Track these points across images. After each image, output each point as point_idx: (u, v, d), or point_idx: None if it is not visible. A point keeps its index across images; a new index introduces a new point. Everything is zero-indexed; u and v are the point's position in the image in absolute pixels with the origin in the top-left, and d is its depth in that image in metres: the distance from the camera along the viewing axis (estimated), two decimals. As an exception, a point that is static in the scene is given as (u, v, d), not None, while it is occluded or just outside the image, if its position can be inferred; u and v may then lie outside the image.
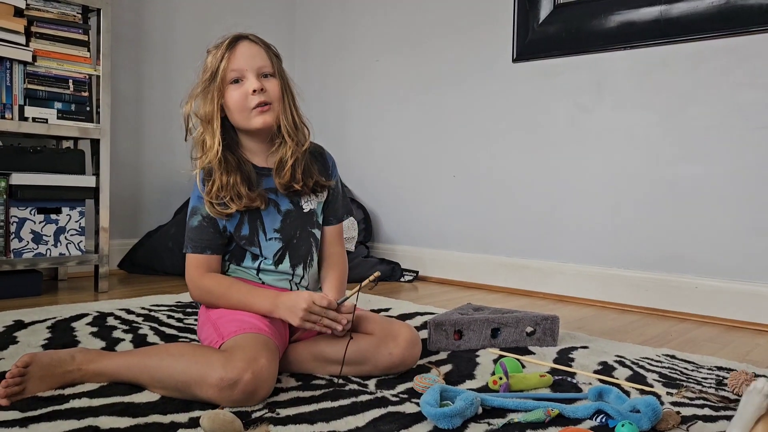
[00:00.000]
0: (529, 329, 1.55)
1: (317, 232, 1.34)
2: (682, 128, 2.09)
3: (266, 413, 1.01)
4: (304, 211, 1.31)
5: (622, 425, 0.95)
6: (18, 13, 1.98)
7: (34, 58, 2.01)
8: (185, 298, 1.99)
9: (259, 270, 1.29)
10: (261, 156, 1.30)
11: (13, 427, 0.92)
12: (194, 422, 0.96)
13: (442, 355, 1.43)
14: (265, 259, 1.28)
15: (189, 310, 1.81)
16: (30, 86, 2.01)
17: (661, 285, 2.13)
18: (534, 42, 2.41)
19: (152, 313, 1.75)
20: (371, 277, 1.16)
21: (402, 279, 2.66)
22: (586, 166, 2.30)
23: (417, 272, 2.71)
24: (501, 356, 1.41)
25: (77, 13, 2.13)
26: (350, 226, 2.69)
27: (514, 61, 2.47)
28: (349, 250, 2.63)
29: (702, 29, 2.04)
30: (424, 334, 1.53)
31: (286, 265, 1.29)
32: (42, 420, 0.95)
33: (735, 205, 1.99)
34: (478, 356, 1.42)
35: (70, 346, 1.36)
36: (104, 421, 0.95)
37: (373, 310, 1.77)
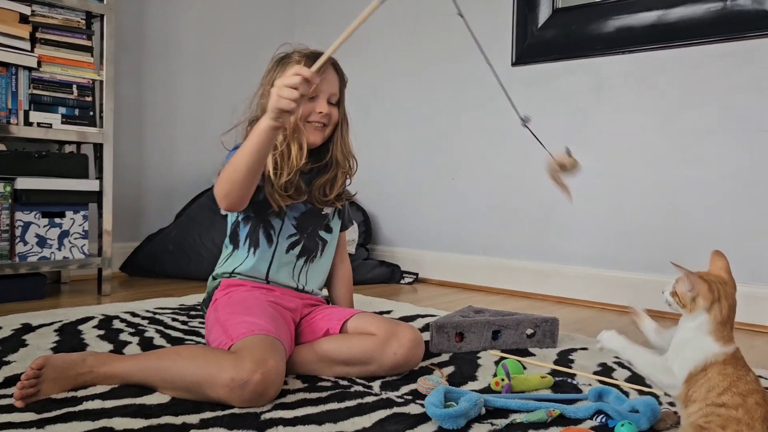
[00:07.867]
0: (529, 331, 1.57)
1: (324, 234, 1.44)
2: (680, 132, 2.12)
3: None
4: (322, 213, 1.42)
5: (622, 425, 0.98)
6: (23, 19, 1.99)
7: (39, 63, 2.03)
8: (188, 300, 2.01)
9: (272, 261, 1.36)
10: None
11: (30, 428, 0.94)
12: (205, 423, 0.99)
13: (444, 357, 1.45)
14: (280, 241, 1.36)
15: (193, 312, 1.84)
16: (35, 92, 2.03)
17: (659, 287, 2.14)
18: (533, 46, 2.44)
19: (157, 316, 1.77)
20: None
21: (402, 281, 2.69)
22: (585, 169, 2.32)
23: (417, 274, 2.73)
24: (502, 358, 1.44)
25: (81, 19, 2.15)
26: (351, 229, 2.71)
27: (513, 64, 2.49)
28: (350, 252, 2.65)
29: (699, 34, 2.07)
30: (426, 336, 1.55)
31: (296, 251, 1.38)
32: (58, 421, 0.97)
33: (732, 207, 2.02)
34: (479, 358, 1.45)
35: (79, 349, 1.39)
36: (118, 422, 0.98)
37: (374, 313, 1.80)
